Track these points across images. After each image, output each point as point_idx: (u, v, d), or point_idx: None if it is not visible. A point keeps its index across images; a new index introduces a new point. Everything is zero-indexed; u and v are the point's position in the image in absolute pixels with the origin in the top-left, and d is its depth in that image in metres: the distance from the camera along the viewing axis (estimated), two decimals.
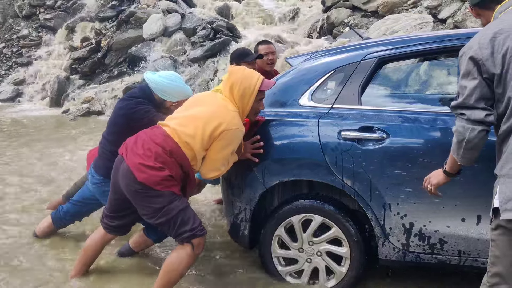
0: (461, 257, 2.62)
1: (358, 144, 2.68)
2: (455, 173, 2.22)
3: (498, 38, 1.91)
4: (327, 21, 10.35)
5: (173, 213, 2.64)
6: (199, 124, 2.69)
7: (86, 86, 10.96)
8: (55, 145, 6.97)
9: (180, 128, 2.73)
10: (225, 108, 2.75)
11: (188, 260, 2.69)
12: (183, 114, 2.82)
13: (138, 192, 2.66)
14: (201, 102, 2.87)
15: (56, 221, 3.62)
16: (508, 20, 1.95)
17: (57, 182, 5.13)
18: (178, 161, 2.69)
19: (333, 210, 2.79)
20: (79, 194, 3.60)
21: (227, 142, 2.70)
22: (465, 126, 1.98)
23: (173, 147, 2.68)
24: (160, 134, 2.73)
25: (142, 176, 2.62)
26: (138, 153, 2.68)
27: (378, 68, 2.84)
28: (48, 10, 12.94)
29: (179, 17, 11.01)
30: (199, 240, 2.69)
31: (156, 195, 2.64)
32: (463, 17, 8.28)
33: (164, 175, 2.62)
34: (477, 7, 2.15)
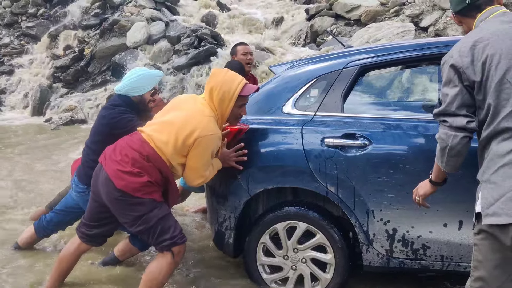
0: (444, 262, 2.65)
1: (341, 151, 2.69)
2: (441, 182, 2.24)
3: (478, 47, 1.95)
4: (310, 29, 10.45)
5: (153, 222, 2.62)
6: (172, 130, 2.67)
7: (69, 94, 10.86)
8: (37, 154, 6.88)
9: (155, 134, 2.71)
10: (200, 113, 2.71)
11: (168, 268, 2.68)
12: (159, 120, 2.80)
13: (118, 199, 2.63)
14: (179, 106, 2.83)
15: (38, 231, 3.57)
16: (488, 29, 1.99)
17: (39, 191, 5.06)
18: (156, 166, 2.66)
19: (317, 217, 2.80)
20: (62, 203, 3.57)
21: (203, 149, 2.67)
22: (448, 133, 2.00)
23: (150, 152, 2.66)
24: (137, 140, 2.71)
25: (121, 184, 2.60)
26: (116, 160, 2.66)
27: (360, 75, 2.87)
28: (30, 18, 12.82)
29: (163, 25, 11.00)
30: (179, 248, 2.68)
31: (136, 202, 2.61)
32: (444, 25, 8.42)
33: (143, 181, 2.60)
34: (459, 14, 2.18)
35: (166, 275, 2.70)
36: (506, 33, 1.93)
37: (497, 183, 1.85)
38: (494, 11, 2.05)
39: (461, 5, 2.13)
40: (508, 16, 2.02)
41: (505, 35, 1.93)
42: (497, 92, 1.89)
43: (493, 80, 1.89)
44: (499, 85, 1.88)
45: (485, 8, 2.08)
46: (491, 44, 1.92)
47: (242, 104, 2.80)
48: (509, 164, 1.83)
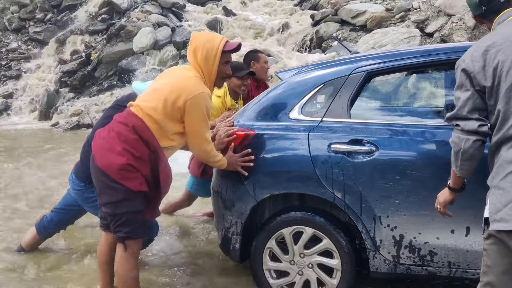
0: (451, 268, 2.64)
1: (348, 157, 2.70)
2: (459, 188, 2.22)
3: (490, 52, 1.95)
4: (316, 35, 10.46)
5: (120, 211, 2.58)
6: (160, 96, 2.64)
7: (76, 99, 10.95)
8: (44, 158, 6.92)
9: (142, 103, 2.69)
10: (185, 76, 2.71)
11: (126, 262, 2.65)
12: (148, 91, 2.79)
13: (98, 178, 2.62)
14: (165, 75, 2.86)
15: (40, 232, 3.59)
16: (502, 34, 1.99)
17: (46, 195, 5.08)
18: (144, 138, 2.60)
19: (324, 222, 2.80)
20: (61, 202, 3.59)
21: (196, 109, 2.63)
22: (460, 137, 2.02)
23: (136, 122, 2.61)
24: (124, 113, 2.70)
25: (102, 163, 2.57)
26: (102, 136, 2.65)
27: (367, 81, 2.88)
28: (38, 23, 12.93)
29: (169, 31, 11.07)
30: (133, 242, 2.64)
31: (112, 187, 2.56)
32: (449, 31, 8.42)
33: (122, 163, 2.53)
34: (478, 17, 2.21)
35: (128, 268, 2.65)
36: None
37: (505, 189, 1.85)
38: (511, 15, 2.06)
39: (478, 10, 2.16)
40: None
41: None
42: (506, 98, 1.89)
43: (504, 86, 1.90)
44: (509, 91, 1.89)
45: (503, 11, 2.09)
46: (504, 50, 1.93)
47: (227, 61, 2.79)
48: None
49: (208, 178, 3.51)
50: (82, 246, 3.81)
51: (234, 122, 3.01)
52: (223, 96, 3.91)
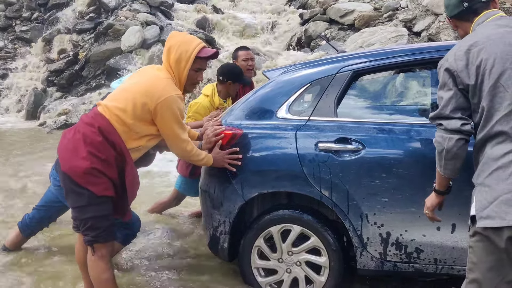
0: (437, 265, 2.67)
1: (335, 156, 2.71)
2: (445, 190, 2.22)
3: (472, 51, 1.97)
4: (305, 34, 10.49)
5: (85, 216, 2.55)
6: (129, 96, 2.57)
7: (63, 98, 10.85)
8: (31, 158, 6.86)
9: (110, 103, 2.62)
10: (156, 77, 2.63)
11: (95, 265, 2.62)
12: (117, 90, 2.72)
13: (64, 182, 2.58)
14: (136, 75, 2.80)
15: (23, 230, 3.57)
16: (483, 33, 2.01)
17: (33, 195, 5.04)
18: (109, 139, 2.53)
19: (311, 220, 2.81)
20: (42, 199, 3.57)
21: (168, 112, 2.56)
22: (443, 136, 2.03)
23: (102, 123, 2.53)
24: (91, 113, 2.64)
25: (66, 166, 2.52)
26: (68, 138, 2.60)
27: (353, 80, 2.89)
28: (24, 22, 12.79)
29: (158, 29, 11.01)
30: (101, 245, 2.60)
31: (76, 191, 2.52)
32: (437, 30, 8.49)
33: (86, 167, 2.46)
34: (454, 18, 2.20)
35: (99, 271, 2.63)
36: (501, 37, 1.96)
37: (491, 186, 1.87)
38: (491, 15, 2.08)
39: (458, 8, 2.15)
40: (504, 20, 2.05)
41: (499, 39, 1.95)
42: (490, 96, 1.91)
43: (487, 83, 1.92)
44: (493, 89, 1.91)
45: (481, 12, 2.10)
46: (486, 48, 1.95)
47: (199, 69, 2.71)
48: (502, 168, 1.85)
49: (196, 177, 3.51)
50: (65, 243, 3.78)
51: (221, 121, 3.01)
52: (211, 95, 3.90)
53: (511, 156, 1.84)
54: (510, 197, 1.81)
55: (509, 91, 1.88)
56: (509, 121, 1.87)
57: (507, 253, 1.82)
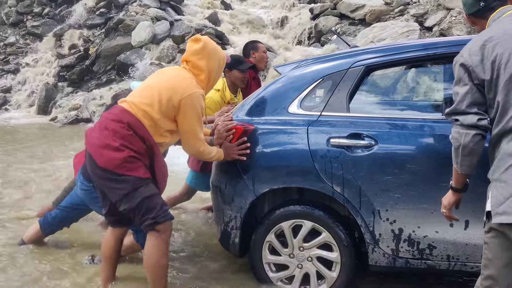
0: (450, 262, 2.65)
1: (347, 151, 2.70)
2: (462, 188, 2.19)
3: (488, 46, 1.96)
4: (315, 29, 10.44)
5: (137, 201, 2.57)
6: (154, 92, 2.66)
7: (74, 93, 10.93)
8: (42, 153, 6.92)
9: (136, 99, 2.69)
10: (180, 76, 2.75)
11: (157, 249, 2.65)
12: (140, 87, 2.80)
13: (102, 178, 2.60)
14: (158, 73, 2.90)
15: (44, 228, 3.59)
16: (499, 28, 2.00)
17: (46, 190, 5.08)
18: (139, 134, 2.60)
19: (323, 215, 2.80)
20: (67, 200, 3.58)
21: (190, 109, 2.66)
22: (460, 132, 2.01)
23: (131, 119, 2.61)
24: (116, 110, 2.68)
25: (102, 160, 2.55)
26: (96, 136, 2.63)
27: (366, 75, 2.87)
28: (36, 18, 12.88)
29: (168, 25, 11.03)
30: (163, 226, 2.64)
31: (120, 180, 2.55)
32: (448, 25, 8.40)
33: (124, 156, 2.53)
34: (472, 16, 2.20)
35: (160, 256, 2.66)
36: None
37: (507, 182, 1.86)
38: (506, 11, 2.07)
39: (475, 7, 2.15)
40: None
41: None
42: (506, 90, 1.90)
43: (503, 78, 1.91)
44: (508, 83, 1.89)
45: (497, 9, 2.09)
46: (501, 43, 1.94)
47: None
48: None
49: (207, 172, 3.52)
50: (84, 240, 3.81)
51: (233, 116, 3.01)
52: (222, 90, 3.90)
53: None
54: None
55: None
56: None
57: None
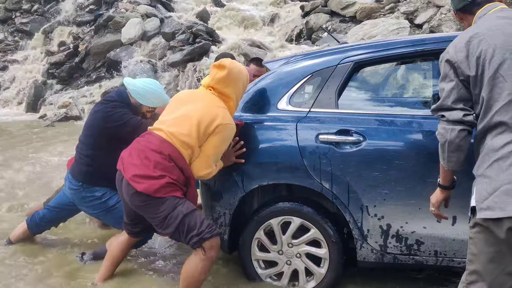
0: (437, 257, 2.66)
1: (335, 147, 2.70)
2: (450, 184, 2.19)
3: (473, 42, 1.97)
4: (306, 26, 10.45)
5: (178, 220, 2.59)
6: (193, 122, 2.67)
7: (64, 91, 10.85)
8: (31, 151, 6.86)
9: (174, 129, 2.68)
10: (216, 104, 2.74)
11: (202, 265, 2.65)
12: (173, 116, 2.77)
13: (142, 204, 2.63)
14: (189, 100, 2.83)
15: (31, 227, 3.56)
16: (484, 25, 2.01)
17: (33, 188, 5.04)
18: (179, 165, 2.64)
19: (311, 212, 2.81)
20: (56, 200, 3.56)
21: (222, 137, 2.69)
22: (446, 127, 2.01)
23: (171, 150, 2.64)
24: (155, 140, 2.68)
25: (142, 187, 2.57)
26: (135, 164, 2.63)
27: (355, 72, 2.88)
28: (24, 14, 12.77)
29: (158, 22, 10.98)
30: (210, 243, 2.64)
31: (159, 203, 2.59)
32: (438, 22, 8.45)
33: (163, 183, 2.57)
34: (460, 12, 2.22)
35: (202, 272, 2.67)
36: (501, 28, 1.96)
37: (491, 177, 1.87)
38: (492, 8, 2.08)
39: (462, 2, 2.17)
40: (505, 12, 2.05)
41: (499, 30, 1.95)
42: (490, 86, 1.91)
43: (487, 74, 1.91)
44: (492, 79, 1.90)
45: (484, 5, 2.11)
46: (486, 39, 1.95)
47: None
48: (502, 158, 1.85)
49: None
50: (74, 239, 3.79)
51: None
52: None
53: (511, 146, 1.84)
54: (510, 187, 1.80)
55: (508, 81, 1.87)
56: (508, 111, 1.87)
57: (508, 244, 1.82)
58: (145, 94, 3.33)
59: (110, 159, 3.28)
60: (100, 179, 3.32)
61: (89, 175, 3.31)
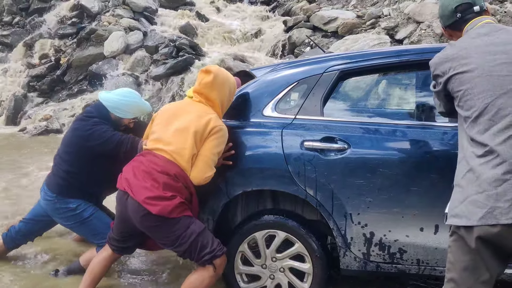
0: (420, 266, 2.67)
1: (320, 154, 2.70)
2: None
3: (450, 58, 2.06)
4: (289, 41, 10.55)
5: (191, 239, 2.61)
6: (190, 132, 2.70)
7: (44, 104, 10.71)
8: (10, 165, 6.72)
9: (174, 146, 2.70)
10: (205, 112, 2.78)
11: (209, 280, 2.67)
12: (169, 132, 2.76)
13: (156, 225, 2.62)
14: (180, 112, 2.84)
15: (7, 242, 3.47)
16: (463, 42, 2.08)
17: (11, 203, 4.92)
18: (184, 183, 2.67)
19: (296, 225, 2.80)
20: (31, 212, 3.48)
21: (217, 139, 2.72)
22: None
23: (176, 170, 2.67)
24: (159, 161, 2.68)
25: (157, 209, 2.56)
26: (145, 186, 2.61)
27: (340, 80, 2.90)
28: (5, 27, 12.66)
29: (141, 35, 10.97)
30: (220, 260, 2.67)
31: (173, 223, 2.61)
32: (418, 37, 8.62)
33: (176, 203, 2.60)
34: (449, 28, 2.25)
35: (206, 287, 2.68)
36: (476, 46, 2.02)
37: (463, 187, 1.93)
38: (477, 23, 2.12)
39: (452, 19, 2.20)
40: (486, 27, 2.08)
41: (475, 48, 2.01)
42: (462, 102, 2.00)
43: (460, 90, 2.00)
44: (463, 96, 1.99)
45: (471, 20, 2.14)
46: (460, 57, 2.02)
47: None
48: (472, 170, 1.90)
49: None
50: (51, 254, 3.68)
51: None
52: None
53: (480, 159, 1.89)
54: (477, 198, 1.86)
55: (475, 99, 1.94)
56: (475, 127, 1.93)
57: (479, 253, 1.86)
58: (123, 108, 3.29)
59: (88, 176, 3.25)
60: (75, 193, 3.27)
61: (65, 188, 3.26)
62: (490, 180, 1.83)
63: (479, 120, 1.91)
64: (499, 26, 2.10)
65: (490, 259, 1.87)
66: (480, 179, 1.86)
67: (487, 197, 1.83)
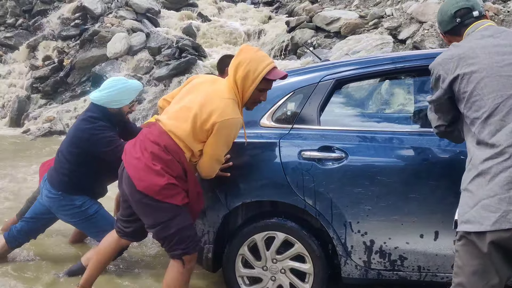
0: (421, 272, 2.66)
1: (318, 164, 2.71)
2: None
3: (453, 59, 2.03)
4: (291, 42, 10.53)
5: (171, 231, 2.56)
6: (189, 115, 2.56)
7: (48, 105, 10.76)
8: (13, 166, 6.76)
9: (172, 121, 2.60)
10: (219, 95, 2.58)
11: (181, 277, 2.64)
12: (177, 106, 2.67)
13: (140, 202, 2.57)
14: (196, 88, 2.69)
15: (10, 241, 3.50)
16: (468, 44, 2.06)
17: (13, 203, 4.95)
18: (176, 158, 2.56)
19: (295, 226, 2.80)
20: (31, 211, 3.51)
21: (222, 135, 2.57)
22: None
23: (168, 142, 2.55)
24: (155, 130, 2.61)
25: (142, 185, 2.51)
26: (136, 157, 2.57)
27: (336, 89, 2.90)
28: (9, 29, 12.69)
29: (144, 36, 10.98)
30: (190, 257, 2.64)
31: (158, 207, 2.53)
32: (421, 37, 8.58)
33: (163, 183, 2.49)
34: (448, 34, 2.24)
35: (183, 283, 2.66)
36: (483, 47, 2.00)
37: (472, 192, 1.90)
38: (479, 26, 2.11)
39: (451, 24, 2.19)
40: (490, 30, 2.08)
41: (481, 49, 1.99)
42: (470, 104, 1.96)
43: (467, 92, 1.96)
44: (470, 97, 1.95)
45: (472, 24, 2.14)
46: (466, 58, 1.99)
47: (264, 89, 2.65)
48: (482, 174, 1.88)
49: None
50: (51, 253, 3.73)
51: None
52: None
53: (490, 162, 1.87)
54: (488, 202, 1.83)
55: (484, 99, 1.92)
56: (485, 128, 1.91)
57: (490, 257, 1.84)
58: (116, 98, 3.32)
59: (92, 173, 3.27)
60: (80, 190, 3.31)
61: (70, 186, 3.30)
62: (502, 183, 1.80)
63: (489, 121, 1.89)
64: (502, 29, 2.10)
65: (500, 262, 1.85)
66: (491, 183, 1.83)
67: (499, 201, 1.80)
